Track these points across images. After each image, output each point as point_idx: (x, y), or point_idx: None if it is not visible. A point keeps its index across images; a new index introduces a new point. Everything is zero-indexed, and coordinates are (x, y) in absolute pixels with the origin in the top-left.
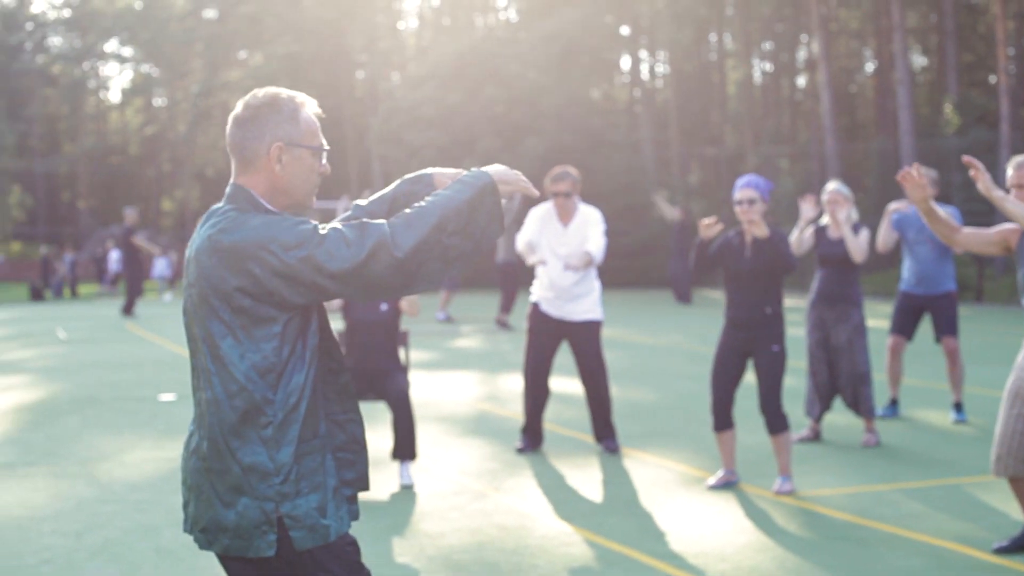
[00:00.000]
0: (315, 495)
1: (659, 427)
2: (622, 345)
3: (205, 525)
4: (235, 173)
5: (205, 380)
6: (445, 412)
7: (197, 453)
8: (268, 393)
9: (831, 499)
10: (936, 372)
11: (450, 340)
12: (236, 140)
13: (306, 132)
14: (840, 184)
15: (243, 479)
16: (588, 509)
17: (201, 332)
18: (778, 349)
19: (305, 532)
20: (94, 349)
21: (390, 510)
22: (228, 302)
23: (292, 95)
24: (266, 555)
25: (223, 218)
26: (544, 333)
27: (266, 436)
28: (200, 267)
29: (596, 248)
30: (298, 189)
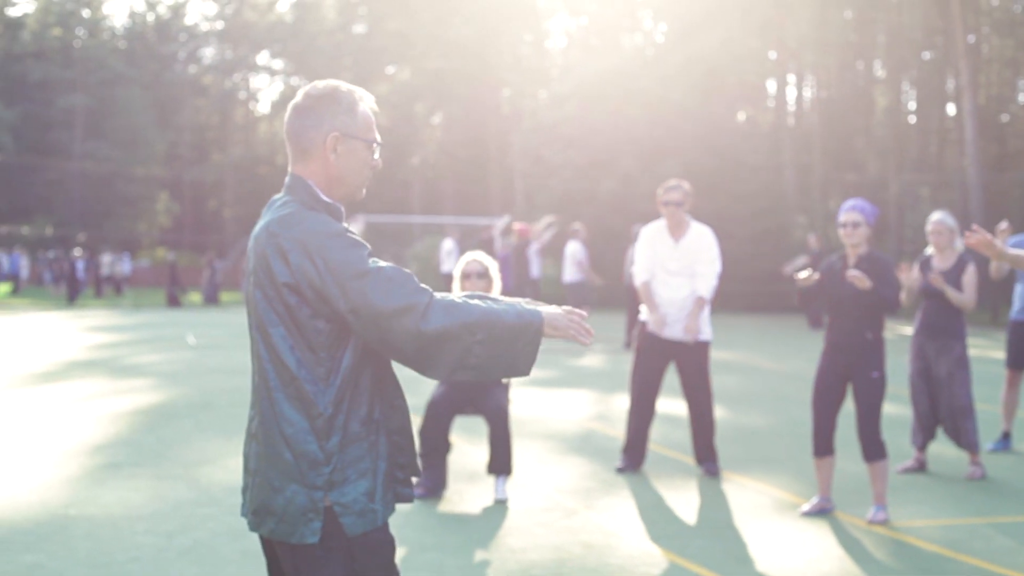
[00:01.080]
0: (364, 481)
1: (764, 452)
2: (744, 369)
3: (256, 508)
4: (292, 162)
5: (259, 367)
6: (552, 429)
7: (256, 438)
8: (319, 386)
9: (924, 530)
10: None
11: (572, 358)
12: (294, 129)
13: (362, 125)
14: (945, 214)
15: (294, 466)
16: (677, 531)
17: (255, 320)
18: (877, 375)
19: (355, 518)
20: (219, 355)
21: (479, 523)
22: (279, 295)
23: (351, 89)
24: (309, 542)
25: (284, 212)
26: (652, 353)
27: (318, 426)
28: (257, 257)
29: (706, 288)
30: (351, 180)
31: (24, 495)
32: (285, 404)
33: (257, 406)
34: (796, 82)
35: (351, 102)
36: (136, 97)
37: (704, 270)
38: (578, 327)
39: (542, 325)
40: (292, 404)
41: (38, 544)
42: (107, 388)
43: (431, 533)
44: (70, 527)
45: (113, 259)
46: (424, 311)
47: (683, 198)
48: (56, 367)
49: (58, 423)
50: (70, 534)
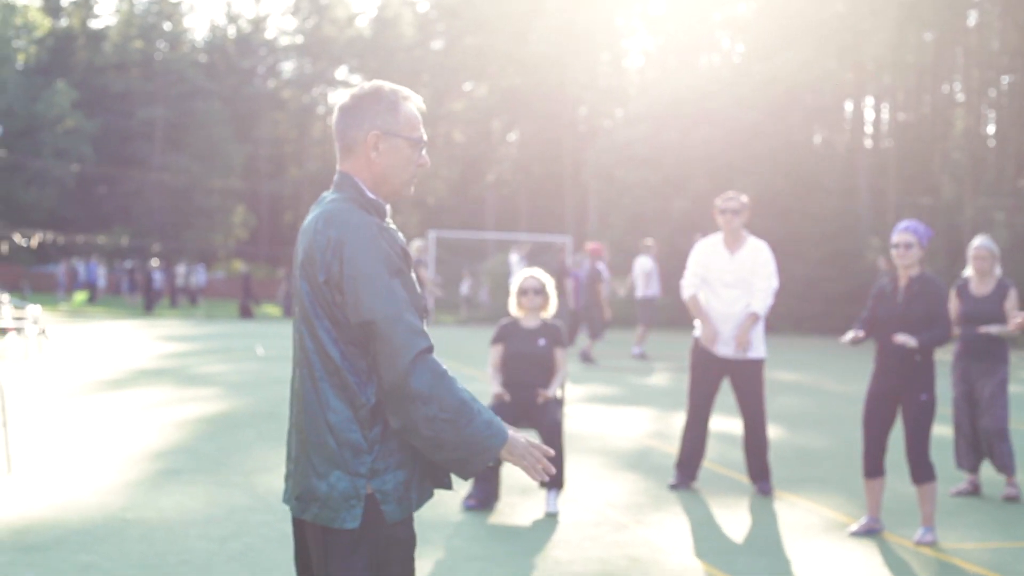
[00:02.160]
0: (402, 471)
1: (819, 472)
2: (807, 390)
3: (300, 493)
4: (339, 160)
5: (303, 358)
6: (610, 445)
7: (297, 427)
8: (361, 377)
9: (971, 553)
10: None
11: (636, 376)
12: (339, 128)
13: (405, 123)
14: (987, 239)
15: (338, 453)
16: (724, 547)
17: (301, 312)
18: (927, 398)
19: (395, 505)
20: (287, 366)
21: (528, 535)
22: (321, 290)
23: (396, 88)
24: (349, 527)
25: (330, 207)
26: (707, 369)
27: (361, 416)
28: (304, 251)
29: (761, 305)
30: (395, 178)
31: (84, 497)
32: (330, 393)
33: (301, 396)
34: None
35: (393, 101)
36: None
37: (762, 284)
38: (534, 461)
39: (503, 445)
40: (336, 393)
41: (93, 545)
42: (174, 396)
43: (480, 543)
44: (125, 530)
45: (188, 270)
46: (416, 361)
47: (740, 208)
48: (126, 374)
49: (123, 429)
50: (125, 536)
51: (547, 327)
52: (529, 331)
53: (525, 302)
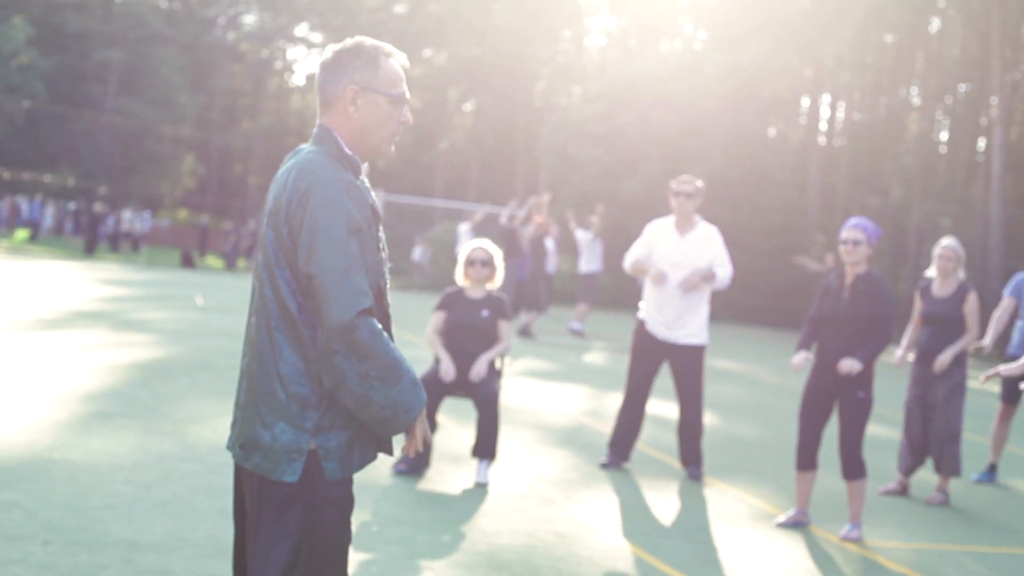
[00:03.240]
0: (347, 430)
1: (750, 462)
2: (744, 380)
3: (244, 441)
4: (319, 115)
5: (261, 306)
6: (544, 420)
7: (248, 374)
8: (317, 331)
9: (895, 552)
10: None
11: (573, 353)
12: (319, 82)
13: (385, 79)
14: (955, 242)
15: (286, 405)
16: (650, 529)
17: (264, 259)
18: (864, 395)
19: (336, 463)
20: (226, 319)
21: (457, 504)
22: (285, 239)
23: (378, 44)
24: (287, 480)
25: (306, 158)
26: (647, 352)
27: (312, 370)
28: (275, 198)
29: (725, 272)
30: (374, 134)
31: (10, 435)
32: (284, 344)
33: (255, 343)
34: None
35: (373, 56)
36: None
37: (722, 271)
38: (416, 445)
39: (423, 408)
40: (291, 345)
41: (18, 483)
42: (108, 340)
43: (407, 508)
44: (52, 469)
45: (133, 215)
46: (356, 319)
47: (695, 192)
48: (62, 315)
49: (55, 369)
50: (50, 476)
51: (492, 299)
52: (474, 301)
53: (472, 273)
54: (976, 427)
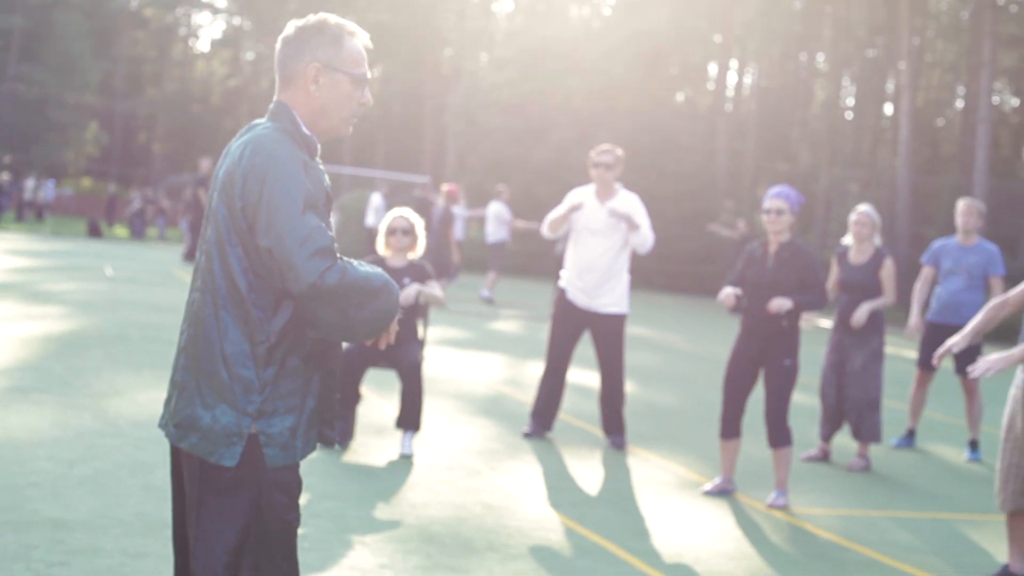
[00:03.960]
0: (291, 416)
1: (671, 430)
2: (659, 347)
3: (180, 420)
4: (278, 91)
5: (209, 282)
6: (463, 390)
7: (187, 351)
8: (267, 313)
9: (821, 518)
10: (960, 408)
11: (487, 322)
12: (280, 58)
13: (348, 59)
14: (870, 208)
15: (228, 386)
16: (578, 499)
17: (216, 236)
18: (790, 363)
19: (278, 450)
20: (137, 289)
21: (383, 476)
22: (238, 217)
23: (342, 22)
24: (225, 464)
25: (261, 133)
26: (568, 321)
27: (258, 353)
28: (227, 174)
29: (648, 231)
30: (334, 114)
31: None
32: (231, 324)
33: (198, 322)
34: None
35: (337, 35)
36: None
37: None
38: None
39: (397, 312)
40: (237, 325)
41: None
42: (19, 312)
43: (334, 482)
44: None
45: (37, 184)
46: (322, 276)
47: (614, 162)
48: None
49: None
50: None
51: (414, 267)
52: (395, 270)
53: (393, 242)
54: (893, 393)
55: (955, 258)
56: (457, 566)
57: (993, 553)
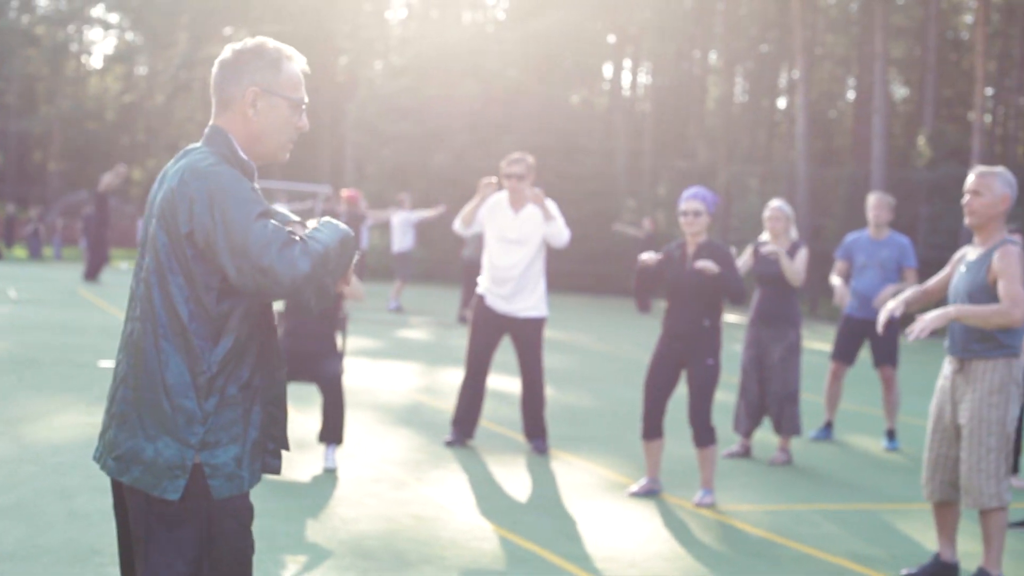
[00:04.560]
0: (234, 446)
1: (591, 432)
2: (570, 349)
3: (121, 453)
4: (214, 116)
5: (148, 312)
6: (380, 400)
7: (126, 383)
8: (208, 343)
9: (750, 515)
10: (875, 398)
11: (398, 330)
12: (217, 81)
13: (286, 83)
14: (783, 202)
15: (170, 418)
16: (507, 506)
17: (153, 263)
18: (712, 363)
19: (223, 481)
20: (43, 311)
21: (309, 492)
22: (181, 242)
23: (280, 46)
24: (169, 498)
25: (199, 161)
26: (487, 327)
27: (199, 383)
28: (166, 200)
29: (563, 224)
30: (271, 139)
31: None
32: (172, 354)
33: (138, 352)
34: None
35: (276, 59)
36: None
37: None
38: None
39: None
40: (179, 355)
41: None
42: None
43: (260, 500)
44: None
45: None
46: (295, 262)
47: (525, 171)
48: None
49: None
50: None
51: None
52: None
53: None
54: (809, 386)
55: (868, 252)
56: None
57: (921, 541)
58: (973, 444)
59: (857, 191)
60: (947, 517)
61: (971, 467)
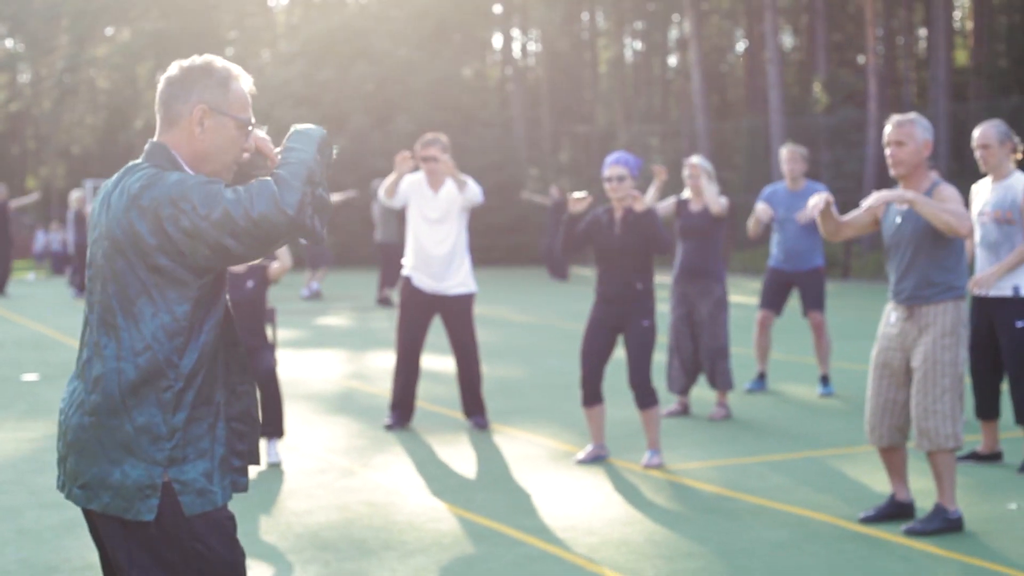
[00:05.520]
0: (202, 461)
1: (528, 403)
2: (493, 322)
3: (87, 481)
4: (158, 132)
5: (111, 335)
6: (312, 390)
7: (83, 408)
8: (173, 356)
9: (699, 472)
10: (803, 347)
11: (318, 317)
12: (163, 98)
13: (234, 102)
14: (702, 159)
15: (133, 439)
16: (457, 485)
17: (113, 287)
18: (648, 324)
19: (194, 496)
20: None
21: (257, 488)
22: (145, 260)
23: (228, 65)
24: (144, 519)
25: (143, 175)
26: (417, 307)
27: (165, 399)
28: (116, 222)
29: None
30: (217, 158)
31: None
32: (134, 374)
33: (96, 378)
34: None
35: (224, 77)
36: None
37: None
38: None
39: (327, 136)
40: (142, 375)
41: None
42: None
43: None
44: None
45: None
46: (280, 199)
47: (440, 153)
48: None
49: None
50: None
51: (253, 269)
52: (237, 276)
53: None
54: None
55: (787, 205)
56: (358, 570)
57: (870, 484)
58: (928, 386)
59: (757, 142)
60: (895, 460)
61: (926, 409)
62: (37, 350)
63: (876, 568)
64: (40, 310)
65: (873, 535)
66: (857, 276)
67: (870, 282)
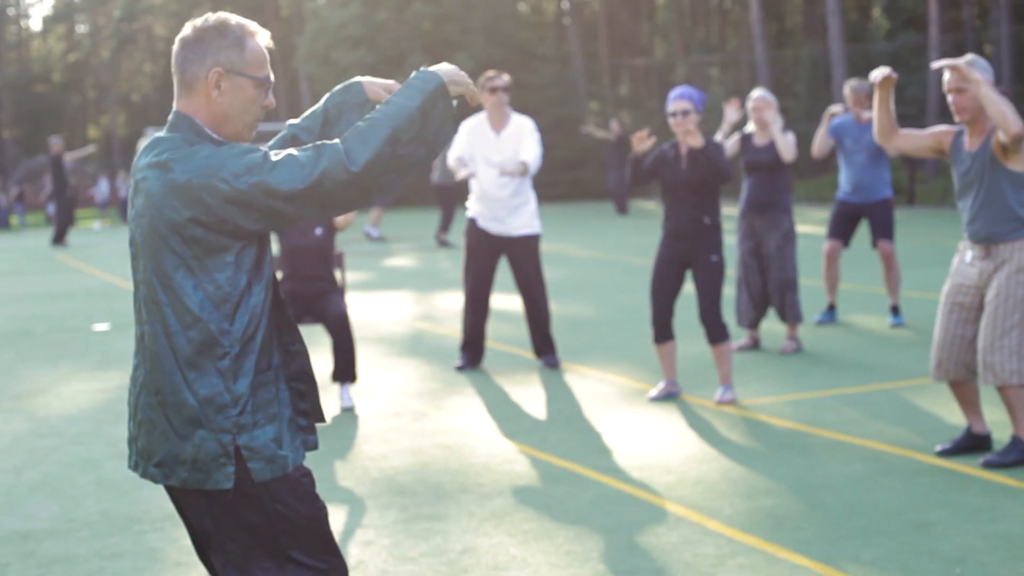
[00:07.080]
0: (271, 426)
1: (599, 341)
2: (559, 259)
3: (161, 459)
4: (176, 97)
5: (156, 313)
6: (382, 333)
7: (147, 387)
8: (224, 324)
9: (772, 407)
10: (873, 277)
11: (383, 259)
12: (178, 62)
13: (251, 61)
14: (765, 91)
15: (199, 411)
16: (530, 425)
17: (151, 264)
18: (717, 259)
19: (263, 463)
20: (24, 281)
21: (331, 434)
22: (180, 233)
23: (243, 23)
24: (224, 487)
25: (170, 148)
26: (482, 249)
27: (223, 367)
28: (149, 198)
29: (532, 157)
30: (237, 119)
31: None
32: (188, 348)
33: (152, 355)
34: None
35: (239, 36)
36: None
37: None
38: (468, 84)
39: (445, 85)
40: (195, 347)
41: None
42: None
43: None
44: None
45: None
46: (346, 156)
47: (505, 85)
48: None
49: None
50: None
51: None
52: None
53: None
54: (808, 271)
55: (854, 136)
56: (436, 513)
57: (944, 416)
58: (997, 321)
59: (817, 70)
60: (967, 394)
61: (992, 343)
62: (107, 299)
63: (954, 502)
64: (107, 259)
65: (950, 468)
66: (923, 203)
67: (936, 208)
